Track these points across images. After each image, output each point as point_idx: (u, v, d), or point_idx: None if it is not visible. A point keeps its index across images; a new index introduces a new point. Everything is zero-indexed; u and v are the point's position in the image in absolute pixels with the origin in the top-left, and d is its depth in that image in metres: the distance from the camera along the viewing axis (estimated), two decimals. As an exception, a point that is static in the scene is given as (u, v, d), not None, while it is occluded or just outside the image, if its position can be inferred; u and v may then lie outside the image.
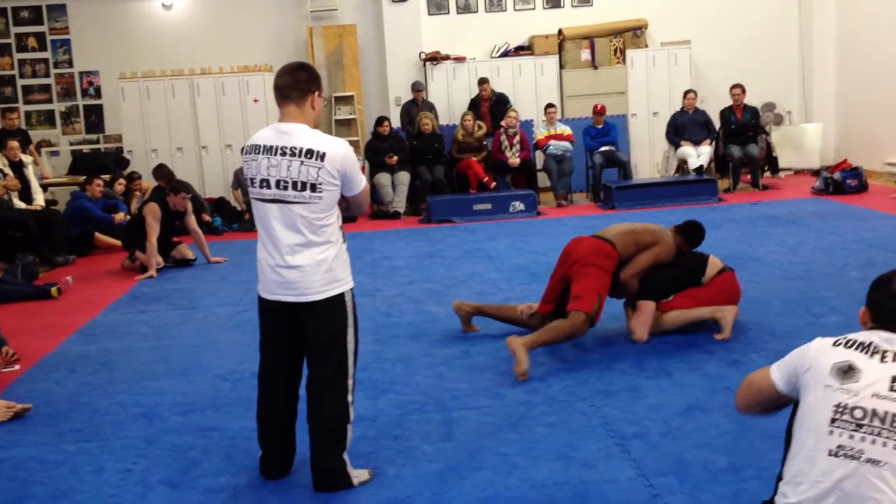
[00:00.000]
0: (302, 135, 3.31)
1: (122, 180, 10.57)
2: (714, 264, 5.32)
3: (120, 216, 9.73)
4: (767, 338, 5.11)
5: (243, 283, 7.53)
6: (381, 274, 7.62)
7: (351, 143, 12.13)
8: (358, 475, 3.51)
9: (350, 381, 3.44)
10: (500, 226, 9.91)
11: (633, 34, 12.51)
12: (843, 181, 10.64)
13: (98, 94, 12.51)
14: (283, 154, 3.29)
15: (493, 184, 11.17)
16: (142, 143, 11.74)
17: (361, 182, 3.43)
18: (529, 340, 4.76)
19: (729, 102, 11.66)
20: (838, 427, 2.33)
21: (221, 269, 8.33)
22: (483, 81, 11.94)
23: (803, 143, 12.65)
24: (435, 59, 12.37)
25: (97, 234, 9.60)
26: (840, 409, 2.34)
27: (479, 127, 11.65)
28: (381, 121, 11.43)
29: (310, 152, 3.27)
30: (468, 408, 4.27)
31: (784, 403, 2.62)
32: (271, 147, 3.31)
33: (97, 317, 6.69)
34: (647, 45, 12.60)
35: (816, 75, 12.94)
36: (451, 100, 12.43)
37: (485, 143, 11.61)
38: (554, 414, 4.13)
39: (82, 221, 9.57)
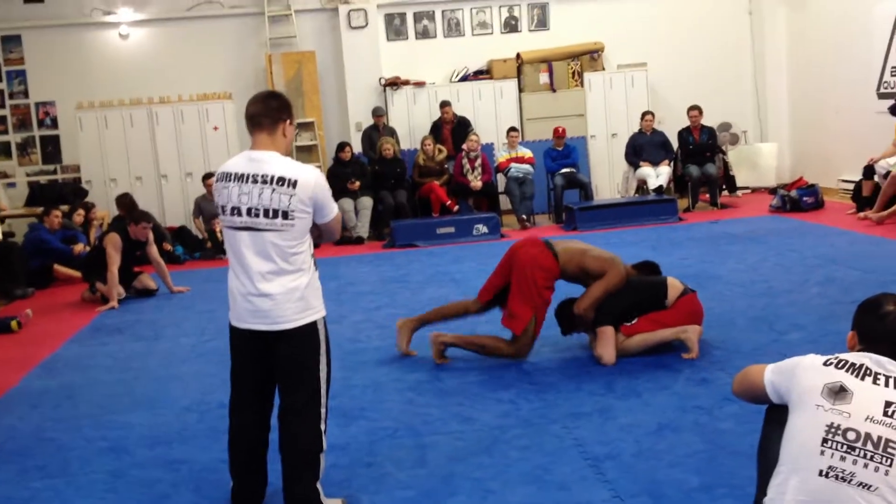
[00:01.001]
0: (273, 162, 3.30)
1: (80, 211, 10.43)
2: (675, 286, 5.34)
3: (79, 247, 9.61)
4: (733, 355, 5.16)
5: (207, 313, 7.45)
6: (346, 300, 7.59)
7: (313, 169, 12.28)
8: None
9: (322, 410, 3.40)
10: (463, 249, 9.94)
11: (590, 57, 12.67)
12: (799, 199, 10.83)
13: (55, 124, 12.36)
14: (255, 181, 3.28)
15: (456, 207, 11.20)
16: (100, 173, 11.61)
17: (333, 209, 3.42)
18: (458, 337, 5.42)
19: (686, 123, 11.84)
20: (830, 448, 2.34)
21: (184, 299, 8.24)
22: (445, 104, 12.00)
23: (759, 162, 12.87)
24: (395, 84, 12.41)
25: (56, 266, 9.46)
26: (832, 430, 2.35)
27: (440, 151, 11.70)
28: (342, 146, 11.43)
29: (281, 180, 3.26)
30: (440, 433, 4.26)
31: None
32: (243, 175, 3.31)
33: (58, 350, 6.58)
34: (604, 68, 12.76)
35: (770, 96, 13.20)
36: (411, 124, 12.47)
37: (446, 166, 11.65)
38: (526, 437, 4.13)
39: (41, 253, 9.43)
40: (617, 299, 5.24)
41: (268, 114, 3.36)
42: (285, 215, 3.26)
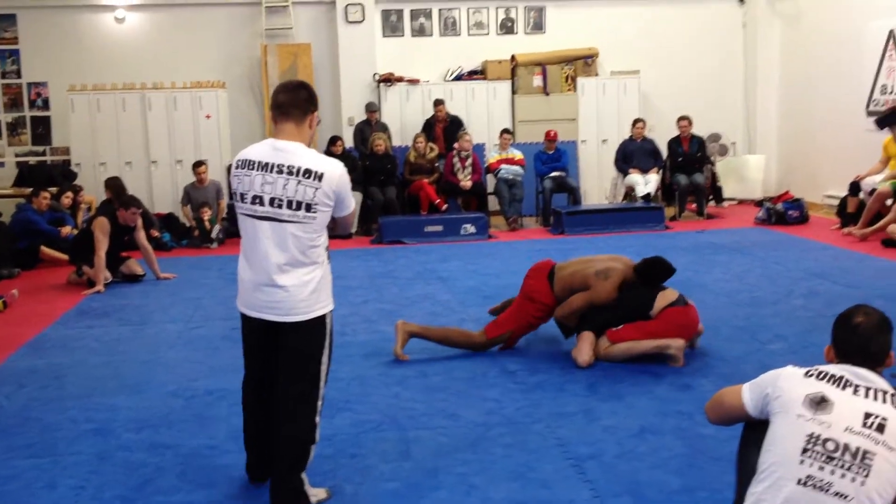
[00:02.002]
0: (300, 154, 3.29)
1: (69, 193, 10.41)
2: (665, 297, 5.33)
3: (67, 229, 9.59)
4: (716, 363, 5.24)
5: (194, 300, 7.47)
6: (333, 293, 7.58)
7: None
8: (316, 493, 3.51)
9: (319, 402, 3.45)
10: (451, 248, 9.98)
11: (584, 62, 12.74)
12: (785, 212, 10.94)
13: (46, 105, 12.31)
14: (280, 172, 3.26)
15: (445, 206, 11.25)
16: (90, 156, 11.57)
17: (351, 204, 3.44)
18: (422, 329, 5.59)
19: (676, 132, 11.92)
20: (809, 457, 2.39)
21: (171, 286, 8.25)
22: (439, 103, 12.04)
23: (747, 174, 12.97)
24: (389, 80, 12.44)
25: (43, 248, 9.43)
26: (812, 440, 2.40)
27: (431, 149, 11.74)
28: (333, 140, 11.45)
29: (308, 172, 3.26)
30: (425, 428, 4.30)
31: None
32: (267, 164, 3.29)
33: (45, 331, 6.58)
34: (597, 74, 12.83)
35: (760, 109, 13.31)
36: (404, 121, 12.50)
37: (437, 164, 11.69)
38: (510, 435, 4.18)
39: (28, 234, 9.41)
40: (600, 311, 5.35)
41: (297, 104, 3.34)
42: (308, 208, 3.26)
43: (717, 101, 13.18)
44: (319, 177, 3.25)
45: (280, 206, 3.26)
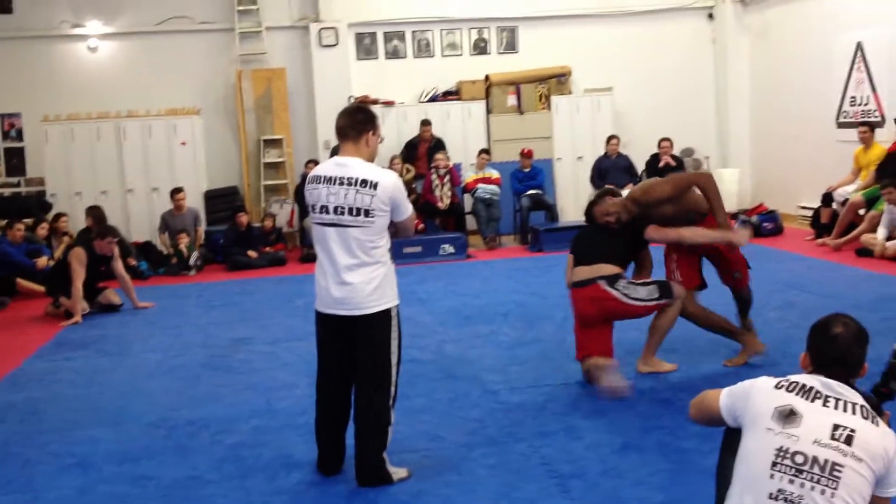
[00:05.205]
0: (357, 167, 3.78)
1: (44, 224, 10.34)
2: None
3: (43, 261, 9.53)
4: (694, 376, 5.28)
5: (173, 329, 7.43)
6: (313, 318, 7.58)
7: (279, 186, 12.29)
8: (397, 472, 3.89)
9: (392, 389, 3.84)
10: (430, 268, 9.99)
11: (557, 81, 12.83)
12: (759, 224, 11.05)
13: (20, 136, 12.23)
14: (341, 184, 3.75)
15: (422, 226, 11.27)
16: (66, 187, 11.51)
17: (409, 209, 3.88)
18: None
19: (650, 148, 12.01)
20: (779, 471, 2.40)
21: (149, 315, 8.20)
22: (426, 123, 12.08)
23: (721, 187, 13.00)
24: (364, 103, 12.47)
25: (19, 280, 9.36)
26: (781, 454, 2.41)
27: (408, 170, 11.77)
28: (307, 163, 11.46)
29: (364, 182, 3.73)
30: (408, 450, 4.29)
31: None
32: (331, 178, 3.78)
33: (22, 365, 6.52)
34: (571, 92, 12.92)
35: (732, 123, 13.43)
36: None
37: (414, 186, 11.72)
38: (494, 455, 4.19)
39: (3, 266, 9.33)
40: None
41: (353, 126, 3.85)
42: (367, 213, 3.72)
43: (689, 115, 13.30)
44: (374, 185, 3.72)
45: (342, 213, 3.74)
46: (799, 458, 2.40)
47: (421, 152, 12.07)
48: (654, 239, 5.41)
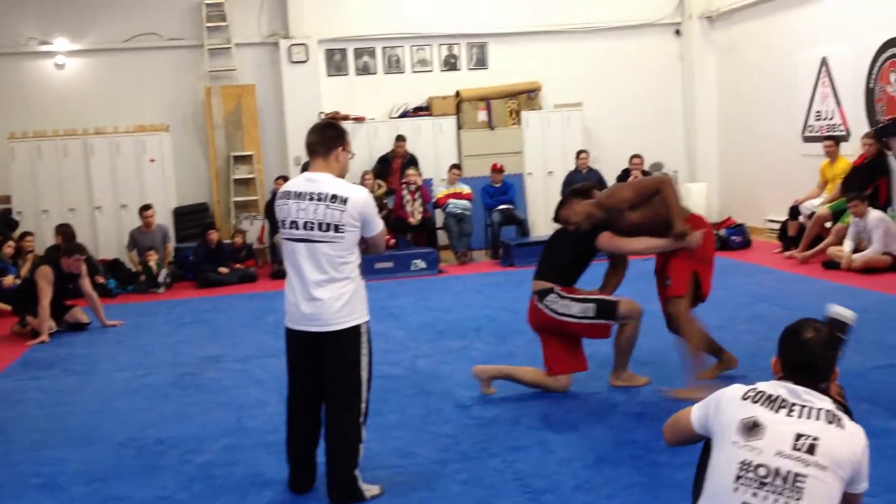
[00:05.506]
0: (327, 182, 3.77)
1: (11, 242, 10.22)
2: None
3: (9, 279, 9.40)
4: (666, 388, 5.29)
5: (141, 347, 7.36)
6: (283, 334, 7.54)
7: (249, 202, 12.24)
8: (369, 489, 3.85)
9: (363, 405, 3.81)
10: (401, 284, 9.98)
11: (527, 96, 12.91)
12: (728, 238, 11.15)
13: (-15, 153, 12.10)
14: (311, 199, 3.73)
15: (393, 241, 11.25)
16: (32, 204, 11.40)
17: (379, 225, 3.87)
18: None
19: (621, 162, 12.10)
20: (743, 485, 2.39)
21: (117, 333, 8.11)
22: (400, 139, 12.11)
23: (689, 201, 13.15)
24: (334, 119, 12.46)
25: (-16, 299, 9.24)
26: (745, 467, 2.40)
27: (380, 186, 11.77)
28: (276, 179, 11.41)
29: (334, 197, 3.72)
30: (381, 467, 4.26)
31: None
32: (301, 193, 3.76)
33: (-12, 385, 6.43)
34: (541, 107, 13.00)
35: (699, 138, 13.59)
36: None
37: (385, 201, 11.71)
38: (467, 471, 4.18)
39: (-32, 285, 9.21)
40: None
41: (323, 142, 3.84)
42: (337, 228, 3.71)
43: (658, 130, 13.42)
44: (344, 200, 3.71)
45: (312, 229, 3.72)
46: (762, 471, 2.38)
47: (394, 168, 12.08)
48: (604, 247, 5.40)
